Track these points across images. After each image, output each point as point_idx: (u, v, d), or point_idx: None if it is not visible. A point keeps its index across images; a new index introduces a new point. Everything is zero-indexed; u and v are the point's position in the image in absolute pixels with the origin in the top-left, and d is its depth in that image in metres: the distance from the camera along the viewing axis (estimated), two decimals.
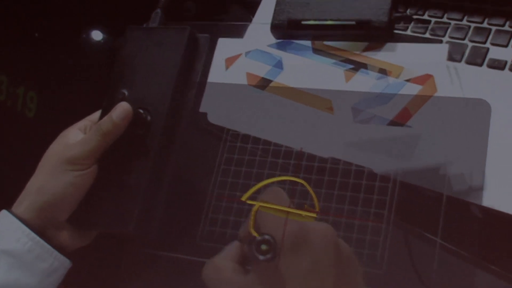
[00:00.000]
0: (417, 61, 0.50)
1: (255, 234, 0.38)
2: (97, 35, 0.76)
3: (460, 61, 0.50)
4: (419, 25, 0.53)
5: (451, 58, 0.50)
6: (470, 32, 0.52)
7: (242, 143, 0.52)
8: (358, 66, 0.51)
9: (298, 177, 0.48)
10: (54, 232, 0.48)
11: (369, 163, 0.47)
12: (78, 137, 0.50)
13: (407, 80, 0.49)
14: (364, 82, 0.50)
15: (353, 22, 0.50)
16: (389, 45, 0.51)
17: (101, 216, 0.48)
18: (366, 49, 0.52)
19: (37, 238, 0.46)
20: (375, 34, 0.51)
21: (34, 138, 0.62)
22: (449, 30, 0.52)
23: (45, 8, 0.75)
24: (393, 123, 0.48)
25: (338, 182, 0.48)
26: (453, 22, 0.53)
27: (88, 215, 0.48)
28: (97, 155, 0.49)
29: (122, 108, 0.49)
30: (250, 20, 0.61)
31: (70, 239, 0.49)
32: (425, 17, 0.54)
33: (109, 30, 0.75)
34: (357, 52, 0.52)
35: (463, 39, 0.52)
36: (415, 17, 0.54)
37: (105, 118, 0.49)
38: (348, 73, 0.51)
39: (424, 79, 0.49)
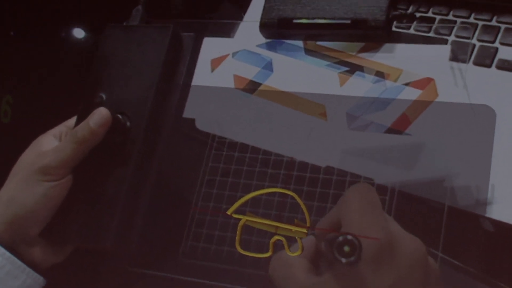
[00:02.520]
0: (417, 63, 0.49)
1: (240, 250, 0.36)
2: (78, 33, 0.74)
3: (467, 62, 0.49)
4: (423, 23, 0.51)
5: (457, 59, 0.48)
6: (478, 31, 0.50)
7: (229, 151, 0.51)
8: (354, 69, 0.50)
9: (288, 188, 0.46)
10: (26, 247, 0.46)
11: (365, 173, 0.46)
12: (52, 144, 0.48)
13: (406, 84, 0.48)
14: (360, 86, 0.49)
15: (348, 21, 0.49)
16: (387, 45, 0.50)
17: (76, 230, 0.47)
18: (362, 50, 0.51)
19: (7, 253, 0.44)
20: (372, 34, 0.49)
21: (8, 145, 0.61)
22: (455, 28, 0.51)
23: (21, 4, 0.74)
24: (390, 130, 0.47)
25: (331, 194, 0.46)
26: (459, 20, 0.51)
27: (62, 229, 0.47)
28: (72, 164, 0.47)
29: (100, 114, 0.47)
30: (242, 18, 0.59)
31: (43, 255, 0.47)
32: (429, 14, 0.53)
33: (91, 27, 0.74)
34: (353, 53, 0.51)
35: (470, 38, 0.50)
36: (418, 14, 0.52)
37: (82, 124, 0.47)
38: (342, 76, 0.50)
39: (425, 83, 0.48)
